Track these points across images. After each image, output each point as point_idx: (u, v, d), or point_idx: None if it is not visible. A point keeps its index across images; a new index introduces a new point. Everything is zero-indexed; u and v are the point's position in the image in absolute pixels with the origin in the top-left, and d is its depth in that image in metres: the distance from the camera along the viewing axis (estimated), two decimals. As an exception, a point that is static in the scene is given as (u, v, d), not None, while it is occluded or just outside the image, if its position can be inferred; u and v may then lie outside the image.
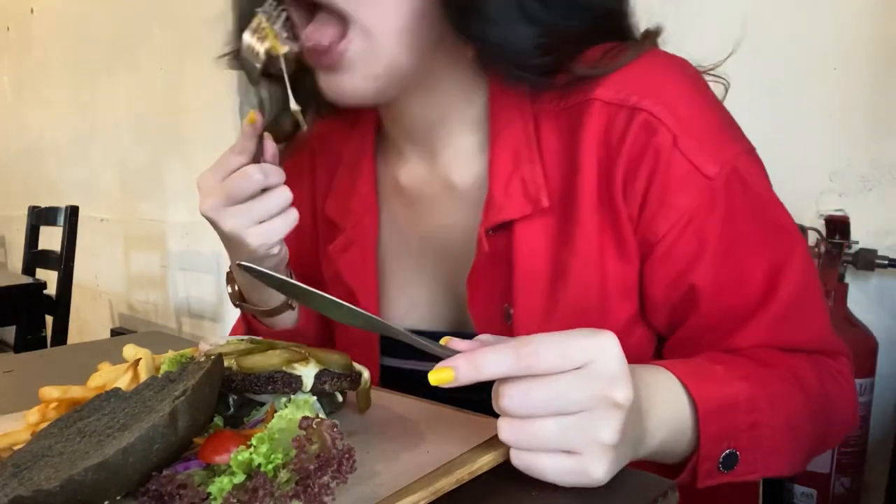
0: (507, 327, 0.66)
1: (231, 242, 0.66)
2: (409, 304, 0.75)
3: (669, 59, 0.63)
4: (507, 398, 0.44)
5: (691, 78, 0.62)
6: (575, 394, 0.43)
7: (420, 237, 0.75)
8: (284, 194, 0.64)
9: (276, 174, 0.64)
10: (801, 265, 0.61)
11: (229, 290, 0.77)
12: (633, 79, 0.60)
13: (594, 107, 0.61)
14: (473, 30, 0.60)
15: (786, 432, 0.57)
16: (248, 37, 0.61)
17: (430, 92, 0.67)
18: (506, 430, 0.45)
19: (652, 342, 0.67)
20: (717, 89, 0.67)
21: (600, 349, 0.43)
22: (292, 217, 0.65)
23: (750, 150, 0.63)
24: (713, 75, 0.67)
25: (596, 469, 0.44)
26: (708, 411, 0.53)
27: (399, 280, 0.76)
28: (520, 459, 0.45)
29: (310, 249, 0.84)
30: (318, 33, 0.61)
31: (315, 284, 0.64)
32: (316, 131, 0.82)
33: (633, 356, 0.62)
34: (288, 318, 0.77)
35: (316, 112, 0.75)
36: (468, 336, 0.49)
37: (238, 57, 0.68)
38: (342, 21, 0.60)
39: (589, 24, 0.63)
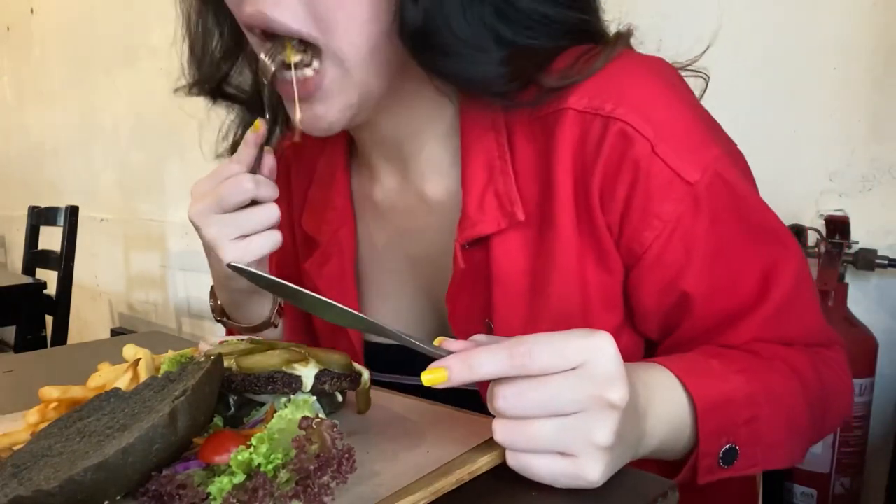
0: None
1: (209, 252, 0.65)
2: (389, 318, 0.74)
3: (642, 62, 0.61)
4: (501, 399, 0.44)
5: (666, 79, 0.60)
6: (570, 394, 0.43)
7: (398, 250, 0.74)
8: (271, 212, 0.62)
9: (268, 188, 0.62)
10: (794, 264, 0.60)
11: (211, 303, 0.76)
12: (605, 85, 0.58)
13: (567, 116, 0.59)
14: (433, 63, 0.58)
15: (784, 424, 0.57)
16: (262, 56, 0.61)
17: (399, 109, 0.66)
18: (500, 431, 0.44)
19: (639, 349, 0.67)
20: (697, 83, 0.66)
21: (596, 349, 0.43)
22: (274, 239, 0.63)
23: (731, 152, 0.62)
24: (692, 70, 0.65)
25: (591, 471, 0.43)
26: (706, 408, 0.53)
27: (378, 293, 0.76)
28: (515, 461, 0.45)
29: (292, 264, 0.83)
30: (289, 85, 0.59)
31: None
32: (289, 142, 0.81)
33: None
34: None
35: (286, 124, 0.74)
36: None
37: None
38: (314, 52, 0.59)
39: (558, 39, 0.61)
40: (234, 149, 0.75)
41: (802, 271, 0.61)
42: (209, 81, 0.71)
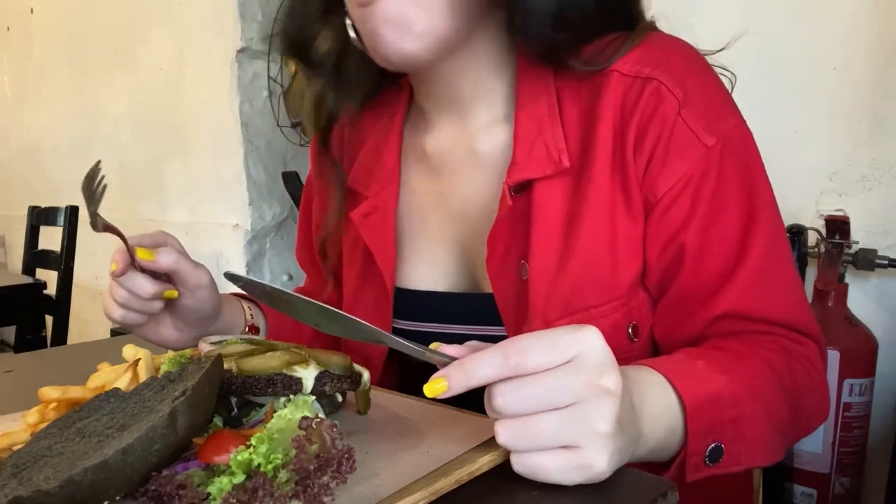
0: (523, 283, 0.68)
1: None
2: (426, 268, 0.79)
3: (678, 40, 0.70)
4: (499, 397, 0.44)
5: (697, 56, 0.69)
6: (566, 385, 0.43)
7: (441, 204, 0.79)
8: (117, 289, 0.73)
9: (129, 281, 0.72)
10: (767, 236, 0.64)
11: None
12: (648, 54, 0.66)
13: (613, 77, 0.66)
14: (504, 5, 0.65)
15: (765, 422, 0.58)
16: None
17: (467, 63, 0.72)
18: (503, 433, 0.45)
19: (651, 308, 0.69)
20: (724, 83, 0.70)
21: (586, 341, 0.44)
22: (117, 313, 0.73)
23: (744, 123, 0.68)
24: (719, 66, 0.71)
25: (598, 461, 0.44)
26: (694, 407, 0.54)
27: (417, 245, 0.80)
28: (521, 464, 0.45)
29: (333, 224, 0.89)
30: None
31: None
32: (349, 117, 0.88)
33: (638, 318, 0.67)
34: None
35: (356, 100, 0.82)
36: (483, 298, 0.51)
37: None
38: None
39: (604, 5, 0.68)
40: (316, 119, 0.85)
41: (778, 246, 0.65)
42: (301, 42, 0.78)
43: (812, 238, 1.20)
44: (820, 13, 1.21)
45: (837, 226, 1.16)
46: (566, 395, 0.43)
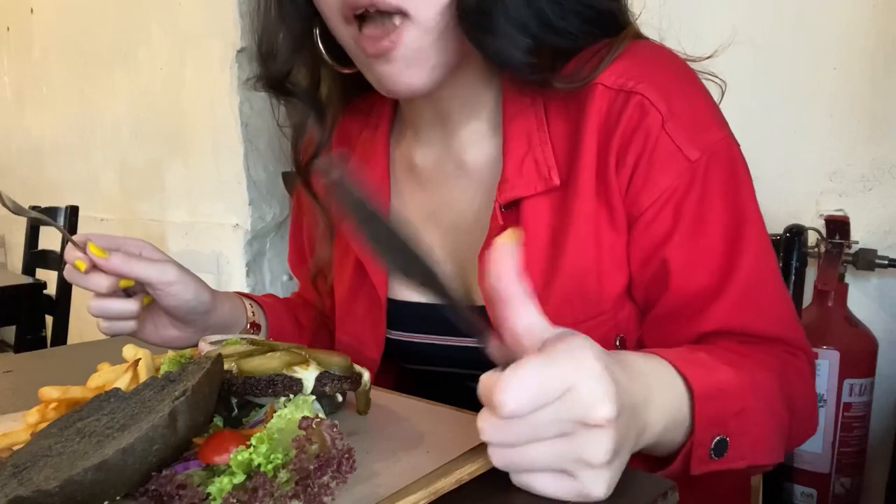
0: None
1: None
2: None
3: (663, 49, 0.69)
4: (486, 434, 0.43)
5: (682, 67, 0.68)
6: (556, 425, 0.42)
7: (430, 216, 0.78)
8: (90, 303, 0.74)
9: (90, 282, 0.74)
10: (755, 251, 0.63)
11: None
12: (632, 66, 0.65)
13: (597, 91, 0.65)
14: (474, 37, 0.64)
15: (767, 419, 0.58)
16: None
17: (458, 78, 0.71)
18: (496, 457, 0.44)
19: (639, 320, 0.69)
20: (713, 89, 0.69)
21: (579, 372, 0.41)
22: (102, 325, 0.74)
23: (731, 137, 0.67)
24: (708, 73, 0.70)
25: (594, 489, 0.43)
26: (702, 395, 0.53)
27: None
28: (516, 480, 0.45)
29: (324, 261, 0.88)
30: (376, 40, 0.64)
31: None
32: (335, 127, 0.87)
33: (625, 330, 0.66)
34: None
35: (339, 107, 0.82)
36: (475, 311, 0.47)
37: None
38: (399, 18, 0.63)
39: (588, 26, 0.67)
40: (294, 143, 0.83)
41: (765, 260, 0.65)
42: (273, 76, 0.77)
43: (812, 238, 1.20)
44: (819, 14, 1.21)
45: (837, 226, 1.16)
46: (552, 430, 0.42)
